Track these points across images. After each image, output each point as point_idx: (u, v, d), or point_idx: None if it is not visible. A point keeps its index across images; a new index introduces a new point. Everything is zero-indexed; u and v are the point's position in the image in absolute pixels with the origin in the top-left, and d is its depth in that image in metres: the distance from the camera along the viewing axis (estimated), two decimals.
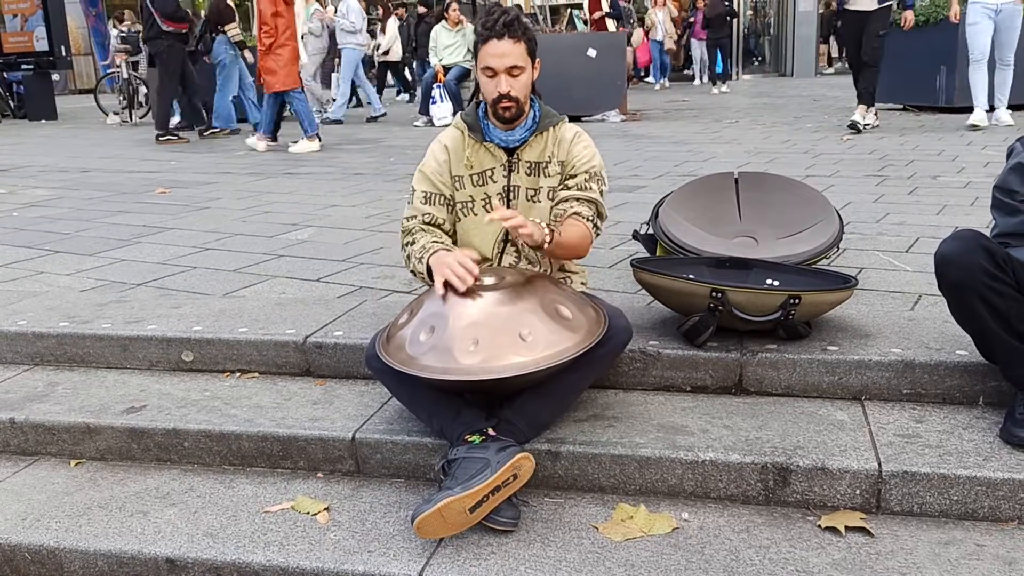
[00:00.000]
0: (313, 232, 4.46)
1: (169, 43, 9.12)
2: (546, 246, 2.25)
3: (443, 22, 10.90)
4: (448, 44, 10.75)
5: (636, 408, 2.42)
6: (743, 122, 9.22)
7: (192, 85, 9.92)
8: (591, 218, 2.43)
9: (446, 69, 10.61)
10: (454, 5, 10.79)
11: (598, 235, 2.48)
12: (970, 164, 5.65)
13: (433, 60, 10.84)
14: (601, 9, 11.66)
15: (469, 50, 10.62)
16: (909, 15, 7.54)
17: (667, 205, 3.22)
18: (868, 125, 7.61)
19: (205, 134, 9.75)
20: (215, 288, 3.44)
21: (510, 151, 2.46)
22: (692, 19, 16.29)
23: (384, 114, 11.43)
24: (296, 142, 8.22)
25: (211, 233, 4.51)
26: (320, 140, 8.29)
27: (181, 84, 9.59)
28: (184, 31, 9.46)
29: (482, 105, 2.47)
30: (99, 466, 2.55)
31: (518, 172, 2.47)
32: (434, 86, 10.42)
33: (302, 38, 9.73)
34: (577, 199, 2.43)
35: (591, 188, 2.44)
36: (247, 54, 9.60)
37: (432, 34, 10.99)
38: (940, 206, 4.41)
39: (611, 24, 11.48)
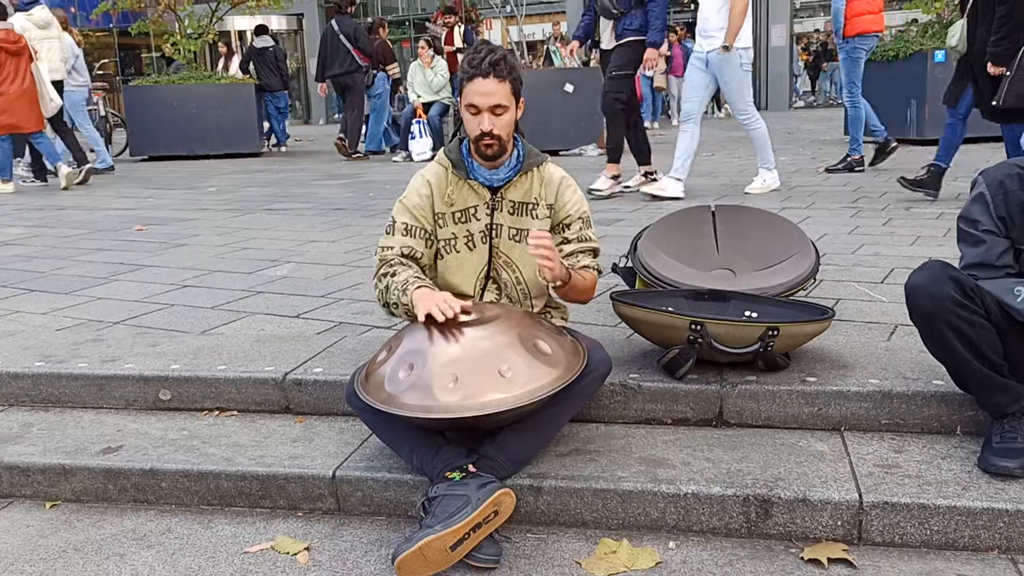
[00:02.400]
0: (292, 268, 4.45)
1: (362, 76, 10.78)
2: (559, 284, 2.36)
3: (417, 60, 11.05)
4: (423, 81, 10.89)
5: (618, 441, 2.42)
6: (719, 155, 9.33)
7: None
8: (597, 266, 2.55)
9: (426, 106, 10.71)
10: (423, 44, 10.95)
11: (600, 275, 2.62)
12: (942, 196, 5.74)
13: (411, 96, 11.00)
14: (454, 44, 11.81)
15: (445, 87, 10.77)
16: (650, 54, 6.20)
17: (645, 238, 3.25)
18: (619, 185, 6.71)
19: (353, 156, 10.80)
20: (193, 326, 3.41)
21: (494, 189, 2.48)
22: (669, 54, 16.20)
23: (112, 167, 10.25)
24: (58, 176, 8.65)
25: (189, 270, 4.49)
26: (74, 167, 8.86)
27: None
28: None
29: (465, 142, 2.49)
30: (75, 508, 2.50)
31: (501, 211, 2.49)
32: (414, 121, 10.53)
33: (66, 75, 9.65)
34: (582, 251, 2.53)
35: (589, 238, 2.55)
36: (401, 88, 12.05)
37: (409, 71, 11.16)
38: (914, 237, 4.48)
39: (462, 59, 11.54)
